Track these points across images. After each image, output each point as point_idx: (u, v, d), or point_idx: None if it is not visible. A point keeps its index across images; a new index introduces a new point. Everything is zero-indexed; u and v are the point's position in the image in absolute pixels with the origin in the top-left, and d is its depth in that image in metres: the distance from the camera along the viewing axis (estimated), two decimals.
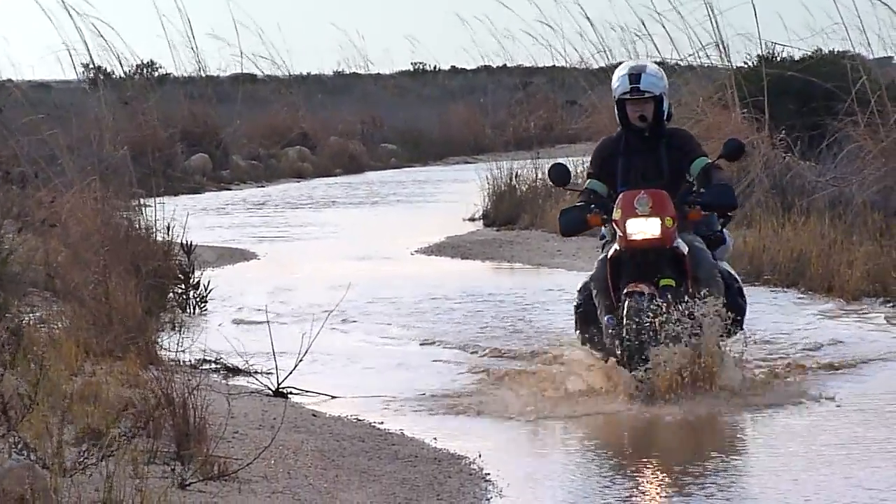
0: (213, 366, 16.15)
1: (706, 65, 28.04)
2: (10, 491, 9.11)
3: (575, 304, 12.73)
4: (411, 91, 62.12)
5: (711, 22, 26.39)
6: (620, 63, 34.53)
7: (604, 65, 34.17)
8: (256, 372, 15.49)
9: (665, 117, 12.41)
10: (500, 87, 49.84)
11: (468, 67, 58.06)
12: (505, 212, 27.90)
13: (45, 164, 21.04)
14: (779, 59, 25.96)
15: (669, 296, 11.49)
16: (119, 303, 15.20)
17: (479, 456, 11.89)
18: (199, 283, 20.45)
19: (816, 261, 19.55)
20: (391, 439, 12.64)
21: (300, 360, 14.61)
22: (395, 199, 40.95)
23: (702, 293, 11.79)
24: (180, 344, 15.62)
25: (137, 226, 19.92)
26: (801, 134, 23.30)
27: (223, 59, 44.96)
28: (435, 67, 65.55)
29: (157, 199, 21.52)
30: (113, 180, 21.14)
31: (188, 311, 20.10)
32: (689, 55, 28.67)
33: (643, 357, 11.49)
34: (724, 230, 12.82)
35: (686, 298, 11.89)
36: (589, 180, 12.52)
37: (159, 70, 40.05)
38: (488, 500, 10.61)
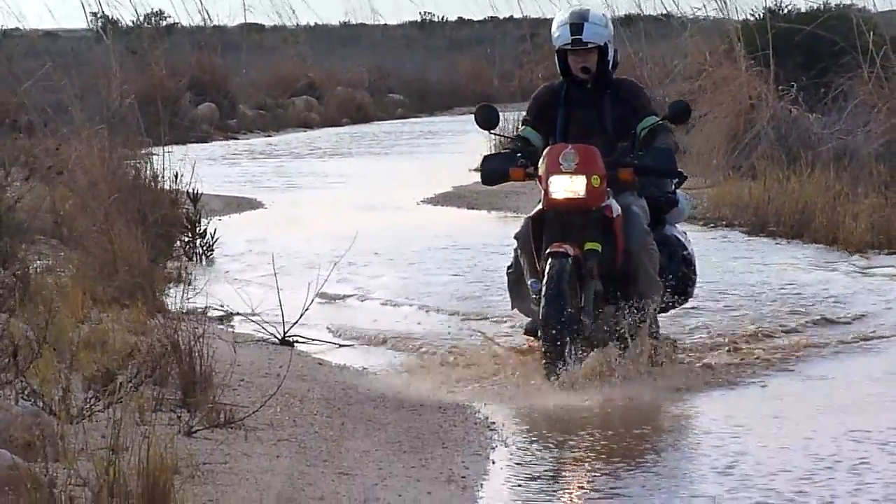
0: (219, 314, 16.23)
1: (713, 17, 28.08)
2: (17, 437, 9.20)
3: (507, 266, 11.79)
4: (418, 42, 62.16)
5: None
6: (626, 16, 34.47)
7: (610, 16, 34.16)
8: (262, 320, 15.43)
9: (610, 66, 11.34)
10: (507, 38, 49.95)
11: (475, 18, 58.14)
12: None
13: (52, 112, 21.15)
14: (785, 12, 25.92)
15: (592, 263, 10.55)
16: (125, 251, 15.26)
17: (484, 405, 11.91)
18: (205, 231, 20.52)
19: (821, 213, 19.56)
20: (396, 388, 12.58)
21: (306, 309, 14.73)
22: (401, 150, 41.10)
23: (631, 264, 10.92)
24: (186, 292, 15.67)
25: (144, 174, 19.93)
26: (808, 87, 23.34)
27: (231, 8, 45.03)
28: (442, 18, 65.61)
29: (164, 148, 21.56)
30: (120, 129, 21.26)
31: (194, 259, 20.10)
32: (697, 8, 28.70)
33: (568, 325, 10.51)
34: (679, 192, 11.94)
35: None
36: (523, 127, 11.52)
37: (167, 19, 40.20)
38: (493, 448, 10.59)
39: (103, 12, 33.67)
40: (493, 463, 10.86)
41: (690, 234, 20.99)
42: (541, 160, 10.75)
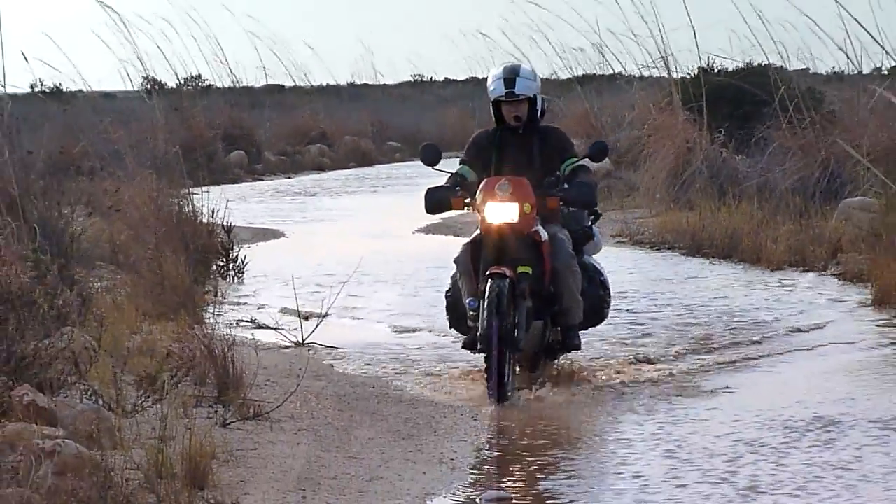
0: (249, 325, 16.15)
1: (656, 75, 28.16)
2: (81, 430, 9.35)
3: (447, 290, 11.37)
4: (412, 98, 62.46)
5: (662, 38, 26.46)
6: (584, 76, 34.46)
7: (569, 77, 34.26)
8: (284, 330, 15.49)
9: (539, 115, 10.97)
10: (484, 94, 50.22)
11: (459, 79, 58.09)
12: None
13: (109, 159, 21.32)
14: (716, 70, 25.97)
15: (524, 285, 10.09)
16: (171, 274, 15.32)
17: (468, 401, 11.87)
18: (236, 257, 20.50)
19: (747, 237, 19.54)
20: (396, 387, 12.59)
21: (321, 321, 14.79)
22: (399, 188, 40.40)
23: (557, 283, 10.52)
24: (221, 308, 15.72)
25: (186, 210, 19.71)
26: (735, 133, 23.42)
27: (256, 72, 44.99)
28: (431, 79, 65.76)
29: (202, 189, 21.66)
30: (166, 173, 21.20)
31: (228, 280, 19.80)
32: (643, 66, 28.76)
33: (507, 340, 10.13)
34: (594, 227, 11.39)
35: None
36: (461, 166, 11.01)
37: (204, 82, 40.30)
38: (476, 435, 10.64)
39: (151, 76, 33.82)
40: (477, 447, 10.88)
41: (639, 255, 21.15)
42: (478, 191, 10.47)
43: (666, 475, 9.45)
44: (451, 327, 11.57)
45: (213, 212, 20.69)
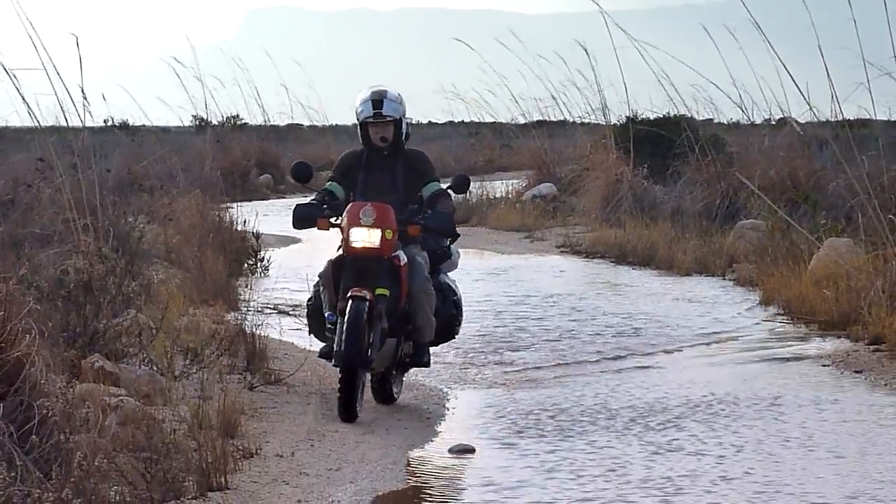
0: (271, 310, 15.77)
1: (594, 122, 28.17)
2: (140, 390, 9.48)
3: (308, 298, 10.08)
4: None
5: (600, 93, 26.51)
6: (538, 121, 34.31)
7: (525, 122, 34.06)
8: (299, 315, 15.06)
9: (404, 137, 9.64)
10: (459, 135, 49.69)
11: (440, 122, 58.01)
12: (462, 215, 26.15)
13: (165, 179, 21.50)
14: (640, 118, 25.92)
15: (382, 307, 8.90)
16: (211, 270, 15.44)
17: (441, 384, 11.63)
18: (263, 257, 20.39)
19: (662, 249, 19.47)
20: None
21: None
22: None
23: (412, 304, 9.25)
24: (250, 296, 15.64)
25: (224, 220, 19.86)
26: (654, 167, 23.33)
27: (281, 113, 44.79)
28: (418, 122, 66.05)
29: (237, 204, 21.88)
30: (209, 191, 21.34)
31: (256, 275, 19.72)
32: (584, 116, 28.78)
33: (362, 359, 8.91)
34: (451, 247, 10.07)
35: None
36: (330, 182, 9.77)
37: (241, 120, 40.32)
38: (447, 400, 10.68)
39: (200, 115, 34.05)
40: (447, 409, 10.81)
41: (576, 264, 21.13)
42: (344, 214, 9.17)
43: (578, 431, 9.50)
44: (309, 333, 10.24)
45: (245, 222, 20.78)
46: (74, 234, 12.65)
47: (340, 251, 9.18)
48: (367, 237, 8.81)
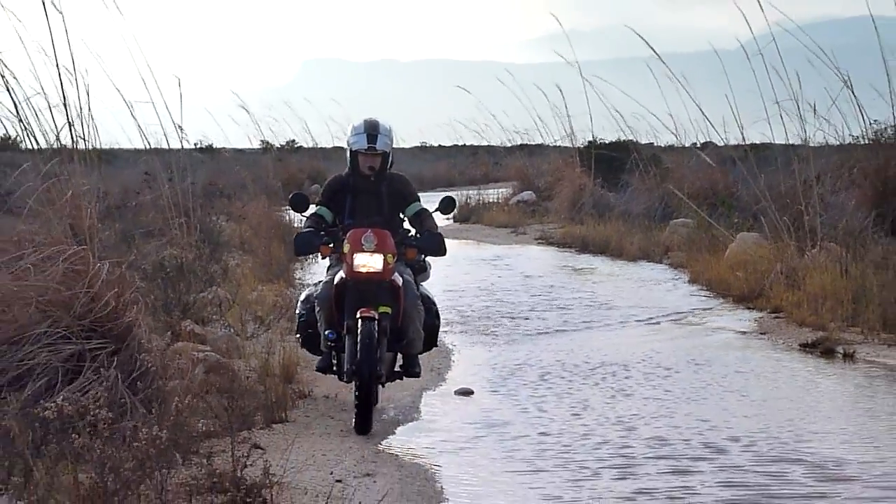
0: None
1: (563, 145, 28.14)
2: (220, 347, 9.45)
3: (298, 312, 8.34)
4: (418, 156, 62.41)
5: (570, 122, 26.44)
6: (521, 145, 34.14)
7: (511, 145, 34.13)
8: None
9: (389, 167, 8.19)
10: (462, 155, 49.41)
11: (447, 145, 57.91)
12: (464, 214, 26.22)
13: (239, 188, 21.71)
14: (599, 143, 25.83)
15: (386, 323, 7.56)
16: (275, 256, 15.27)
17: (447, 344, 11.59)
18: None
19: (614, 241, 19.36)
20: None
21: None
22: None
23: (405, 320, 7.81)
24: (303, 276, 15.64)
25: (284, 219, 19.75)
26: (610, 180, 23.33)
27: (332, 137, 45.00)
28: (430, 144, 65.80)
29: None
30: (272, 197, 21.55)
31: (308, 261, 19.60)
32: (556, 140, 28.70)
33: (373, 374, 7.47)
34: (426, 260, 8.53)
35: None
36: (319, 206, 8.35)
37: (297, 143, 40.42)
38: (453, 354, 10.56)
39: (266, 140, 34.25)
40: (453, 362, 10.69)
41: (550, 252, 21.09)
42: (345, 240, 7.68)
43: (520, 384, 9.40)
44: (301, 346, 8.52)
45: (300, 220, 20.43)
46: (171, 229, 12.71)
47: (340, 274, 7.63)
48: (370, 262, 7.44)
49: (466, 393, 9.27)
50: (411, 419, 8.53)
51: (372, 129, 7.71)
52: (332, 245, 7.58)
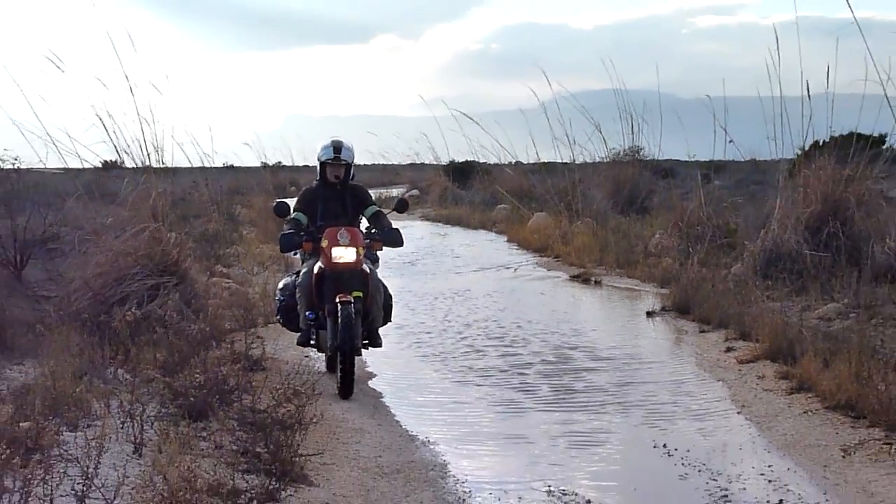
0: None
1: (436, 164, 25.88)
2: (238, 279, 9.38)
3: (278, 298, 6.51)
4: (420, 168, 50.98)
5: (438, 152, 24.81)
6: (411, 163, 29.09)
7: (405, 163, 30.57)
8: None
9: (351, 177, 6.55)
10: (375, 170, 40.92)
11: (368, 163, 49.44)
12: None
13: (248, 189, 19.80)
14: (456, 162, 24.24)
15: (359, 305, 5.98)
16: (269, 229, 14.25)
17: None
18: None
19: (465, 218, 18.80)
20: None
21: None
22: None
23: (370, 300, 6.12)
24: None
25: (281, 206, 18.48)
26: (461, 183, 22.56)
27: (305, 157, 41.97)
28: (423, 163, 52.43)
29: (283, 199, 19.48)
30: (268, 195, 18.37)
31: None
32: (432, 161, 26.47)
33: (354, 348, 5.86)
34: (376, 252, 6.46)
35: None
36: (296, 213, 6.57)
37: (281, 163, 36.04)
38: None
39: (264, 161, 32.27)
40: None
41: (428, 224, 19.56)
42: (323, 237, 6.15)
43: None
44: (281, 324, 6.57)
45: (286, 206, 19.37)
46: (209, 213, 12.45)
47: (319, 265, 6.07)
48: (346, 254, 5.99)
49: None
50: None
51: (338, 144, 6.36)
52: (311, 242, 6.12)
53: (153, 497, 3.44)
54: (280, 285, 6.46)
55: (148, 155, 8.11)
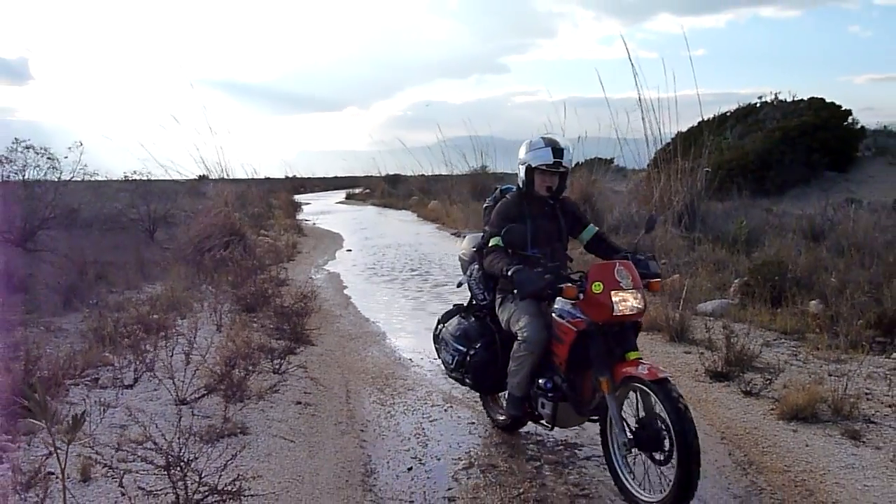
0: (307, 219, 16.99)
1: (379, 175, 29.64)
2: (272, 237, 10.10)
3: (455, 348, 4.30)
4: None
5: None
6: (366, 176, 32.84)
7: (361, 175, 33.85)
8: (314, 222, 16.72)
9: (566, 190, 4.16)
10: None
11: (340, 175, 42.85)
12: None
13: (275, 189, 22.49)
14: (390, 174, 28.65)
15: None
16: (289, 211, 16.19)
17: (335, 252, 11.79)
18: (301, 207, 21.02)
19: (394, 204, 22.71)
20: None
21: (349, 249, 12.87)
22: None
23: None
24: (301, 216, 18.06)
25: (289, 199, 21.19)
26: (394, 186, 26.65)
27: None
28: (326, 176, 46.00)
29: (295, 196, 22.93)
30: (288, 193, 22.26)
31: (301, 212, 20.69)
32: (378, 173, 30.26)
33: (695, 448, 3.28)
34: None
35: None
36: (495, 238, 4.02)
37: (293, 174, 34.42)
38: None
39: (289, 173, 32.63)
40: (345, 244, 12.04)
41: (373, 209, 22.97)
42: (592, 275, 3.75)
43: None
44: (458, 380, 4.40)
45: (296, 199, 22.92)
46: (255, 202, 14.12)
47: (581, 317, 3.84)
48: (633, 302, 3.73)
49: (349, 250, 11.78)
50: (332, 259, 10.62)
51: (556, 145, 4.16)
52: (571, 285, 3.81)
53: (228, 353, 4.60)
54: (452, 328, 4.43)
55: (222, 171, 10.59)
